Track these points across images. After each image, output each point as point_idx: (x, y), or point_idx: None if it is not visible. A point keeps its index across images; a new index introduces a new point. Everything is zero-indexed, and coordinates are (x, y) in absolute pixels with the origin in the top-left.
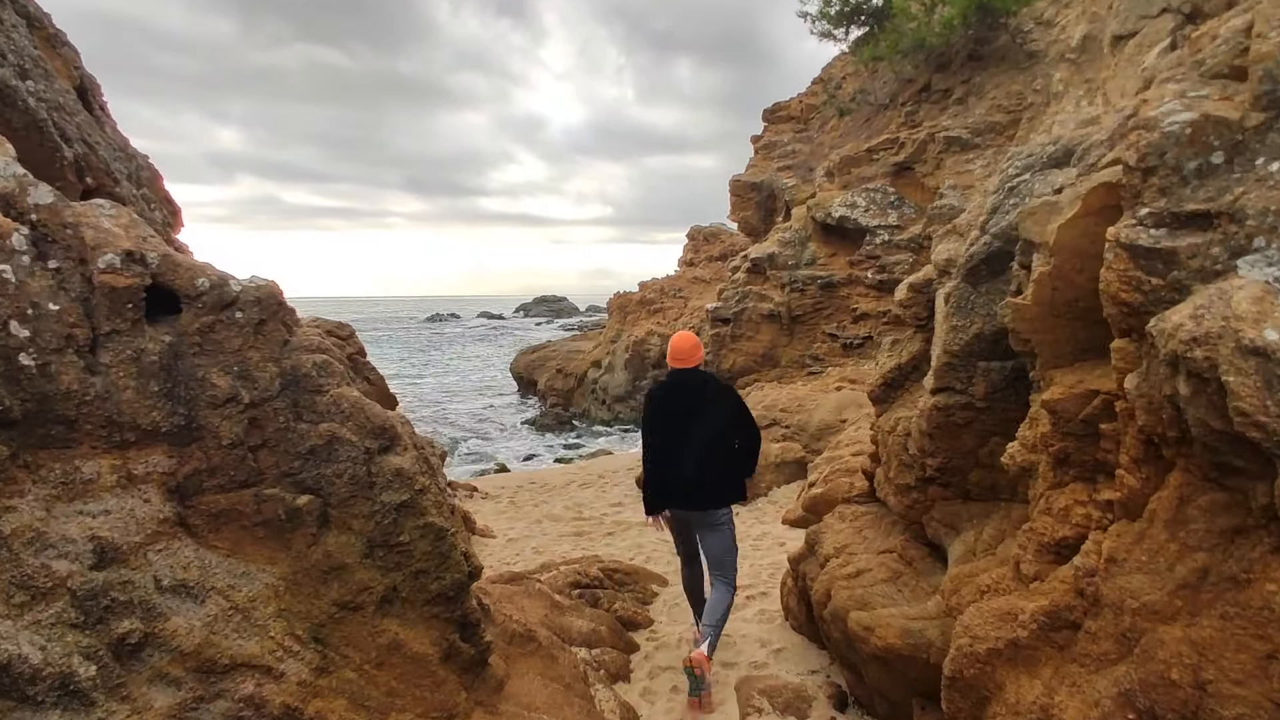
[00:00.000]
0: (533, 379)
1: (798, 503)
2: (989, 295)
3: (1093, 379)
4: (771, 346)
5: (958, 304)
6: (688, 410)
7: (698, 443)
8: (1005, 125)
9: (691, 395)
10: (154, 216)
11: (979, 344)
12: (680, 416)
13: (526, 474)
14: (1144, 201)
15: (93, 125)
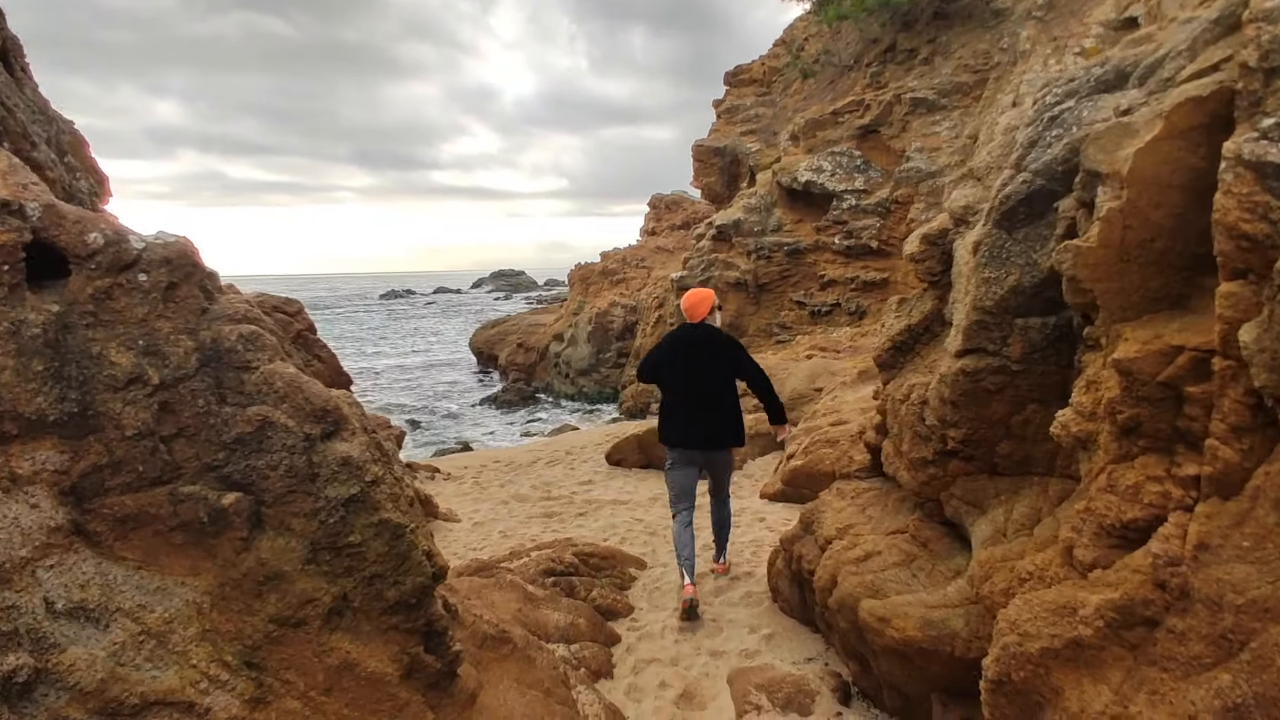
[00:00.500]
0: (493, 354)
1: (775, 476)
2: (1028, 242)
3: (1171, 333)
4: (738, 315)
5: (990, 253)
6: (696, 362)
7: (703, 391)
8: (972, 85)
9: (701, 349)
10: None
11: (1016, 298)
12: (689, 366)
13: (490, 452)
14: (1267, 110)
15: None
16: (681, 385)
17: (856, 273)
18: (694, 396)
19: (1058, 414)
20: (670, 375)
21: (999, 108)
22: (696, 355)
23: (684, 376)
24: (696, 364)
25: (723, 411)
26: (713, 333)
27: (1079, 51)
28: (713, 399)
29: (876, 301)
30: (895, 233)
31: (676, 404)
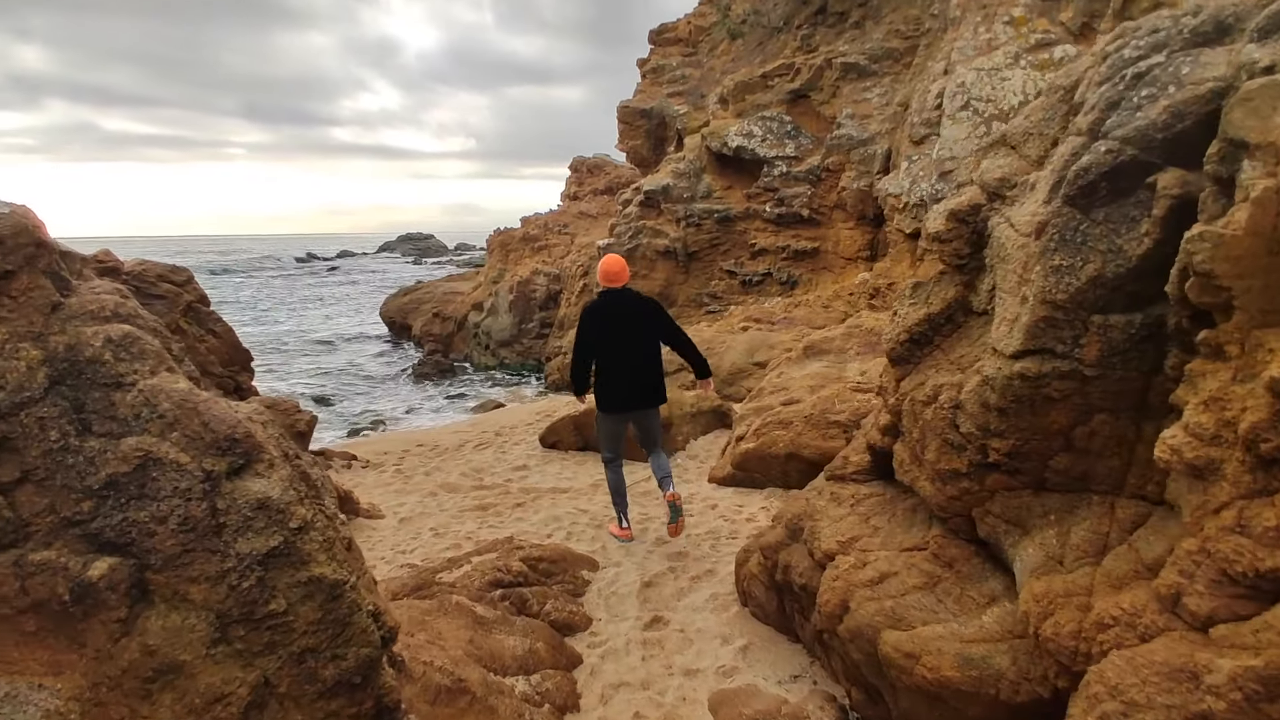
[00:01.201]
0: (406, 323)
1: (725, 459)
2: (1110, 224)
3: None
4: (667, 285)
5: (1062, 237)
6: (625, 326)
7: (637, 354)
8: (903, 52)
9: (628, 313)
10: None
11: (1095, 291)
12: (620, 332)
13: (412, 434)
14: None
15: None
16: (617, 353)
17: (788, 241)
18: (630, 363)
19: (1164, 435)
20: (605, 345)
21: (930, 75)
22: (628, 322)
23: (619, 345)
24: (629, 331)
25: (656, 373)
26: (638, 298)
27: (1008, 20)
28: (646, 362)
29: (808, 271)
30: (826, 201)
31: (614, 372)
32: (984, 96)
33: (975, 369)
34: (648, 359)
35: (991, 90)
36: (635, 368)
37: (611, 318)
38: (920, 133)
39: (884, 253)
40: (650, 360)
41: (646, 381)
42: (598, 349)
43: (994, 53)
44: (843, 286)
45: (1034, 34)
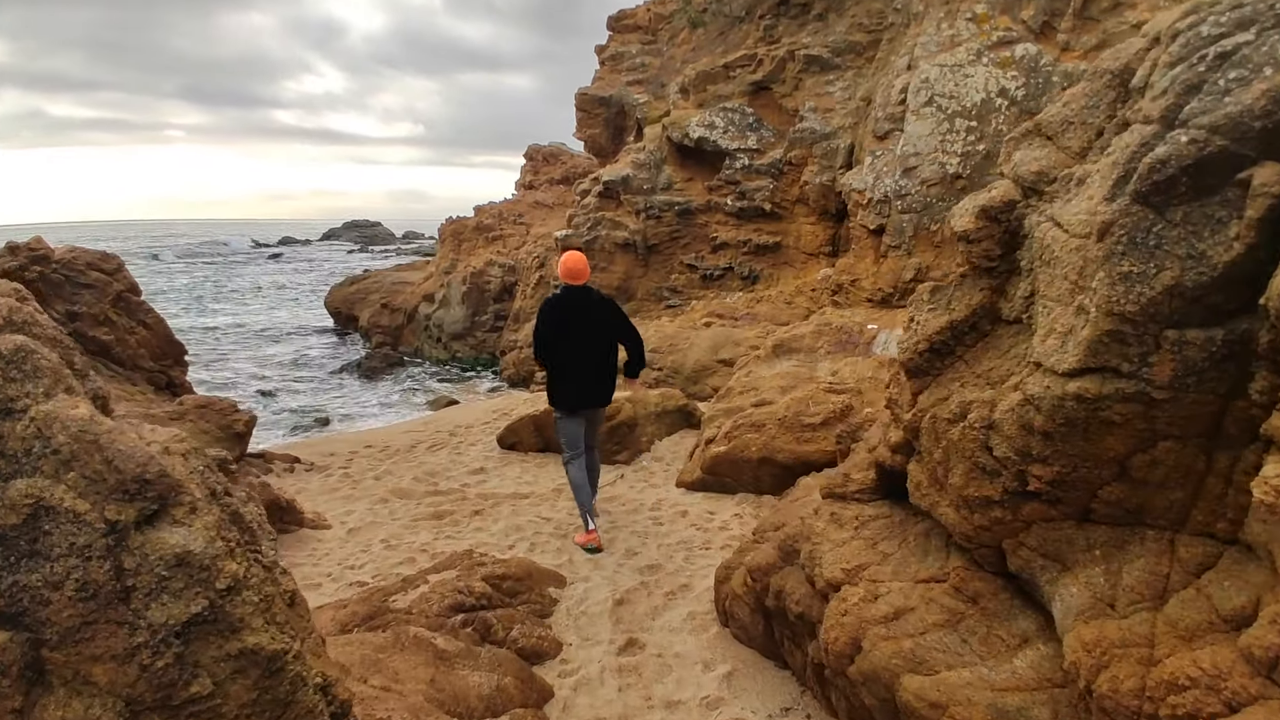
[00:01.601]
0: (353, 314)
1: (694, 462)
2: (1189, 225)
3: None
4: (626, 278)
5: (1131, 240)
6: (583, 325)
7: (593, 353)
8: (866, 45)
9: (586, 311)
10: None
11: (1172, 302)
12: (578, 330)
13: (360, 434)
14: None
15: None
16: (576, 351)
17: (749, 235)
18: (588, 360)
19: (1265, 473)
20: (564, 342)
21: (893, 70)
22: (587, 320)
23: (578, 342)
24: (588, 329)
25: (612, 372)
26: (597, 296)
27: (970, 17)
28: (603, 361)
29: (769, 266)
30: (788, 195)
31: (572, 369)
32: (947, 93)
33: (1012, 386)
34: (605, 357)
35: (955, 86)
36: (594, 365)
37: (572, 314)
38: (884, 128)
39: (846, 249)
40: (608, 358)
41: (603, 379)
42: (556, 345)
43: (956, 49)
44: (805, 282)
45: (996, 31)
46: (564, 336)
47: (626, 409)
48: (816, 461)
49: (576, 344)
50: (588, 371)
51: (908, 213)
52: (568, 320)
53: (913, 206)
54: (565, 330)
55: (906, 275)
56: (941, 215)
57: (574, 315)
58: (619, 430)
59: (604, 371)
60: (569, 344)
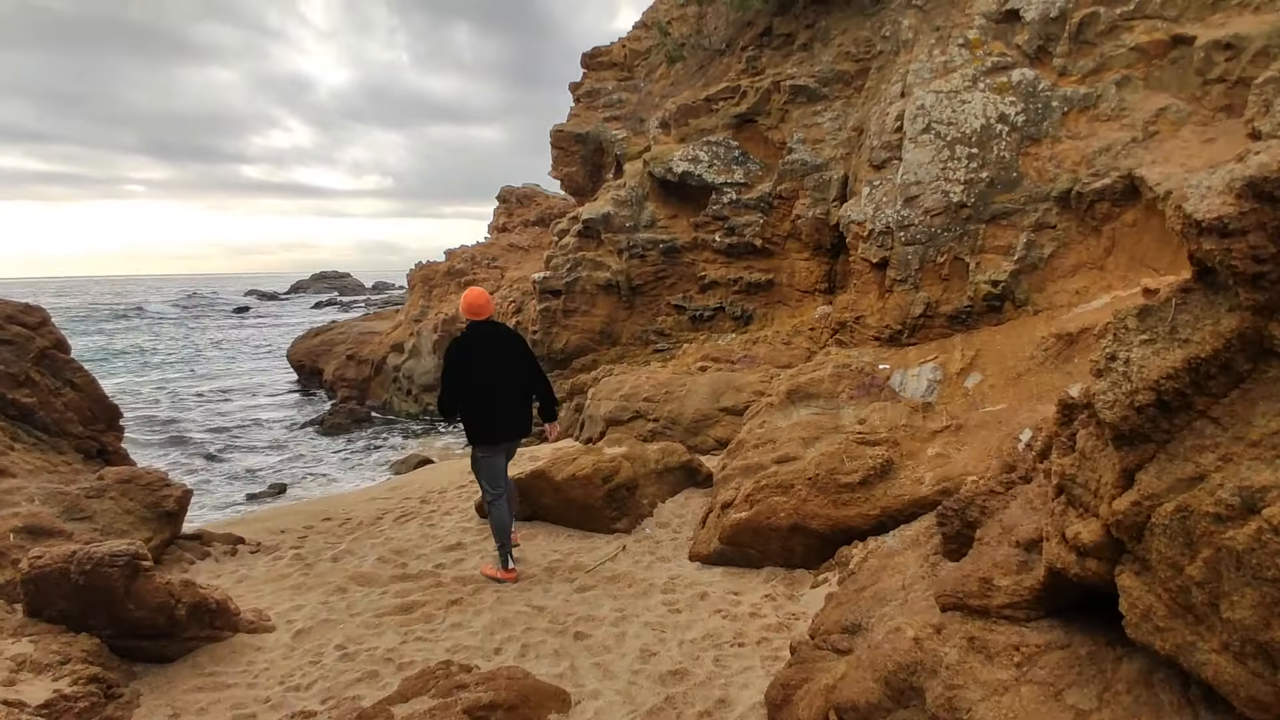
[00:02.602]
0: (317, 367)
1: (708, 530)
2: None
3: None
4: (609, 321)
5: None
6: (496, 358)
7: (510, 384)
8: (854, 75)
9: (497, 345)
10: None
11: None
12: (491, 363)
13: (318, 503)
14: None
15: None
16: (491, 386)
17: (740, 273)
18: (506, 392)
19: None
20: (478, 378)
21: (886, 98)
22: (501, 355)
23: (492, 377)
24: (501, 363)
25: (527, 404)
26: (506, 330)
27: (963, 43)
28: (518, 394)
29: (762, 305)
30: (779, 230)
31: (489, 404)
32: (945, 119)
33: None
34: (520, 390)
35: (952, 113)
36: (509, 399)
37: (484, 349)
38: (880, 157)
39: (845, 284)
40: (522, 391)
41: (519, 412)
42: (469, 382)
43: (951, 75)
44: (802, 321)
45: (990, 56)
46: (478, 370)
47: (625, 468)
48: (858, 528)
49: (491, 377)
50: (508, 404)
51: (912, 244)
52: (481, 354)
53: (917, 238)
54: (479, 365)
55: (915, 310)
56: (948, 246)
57: (487, 350)
58: (617, 494)
59: (521, 403)
60: (483, 378)
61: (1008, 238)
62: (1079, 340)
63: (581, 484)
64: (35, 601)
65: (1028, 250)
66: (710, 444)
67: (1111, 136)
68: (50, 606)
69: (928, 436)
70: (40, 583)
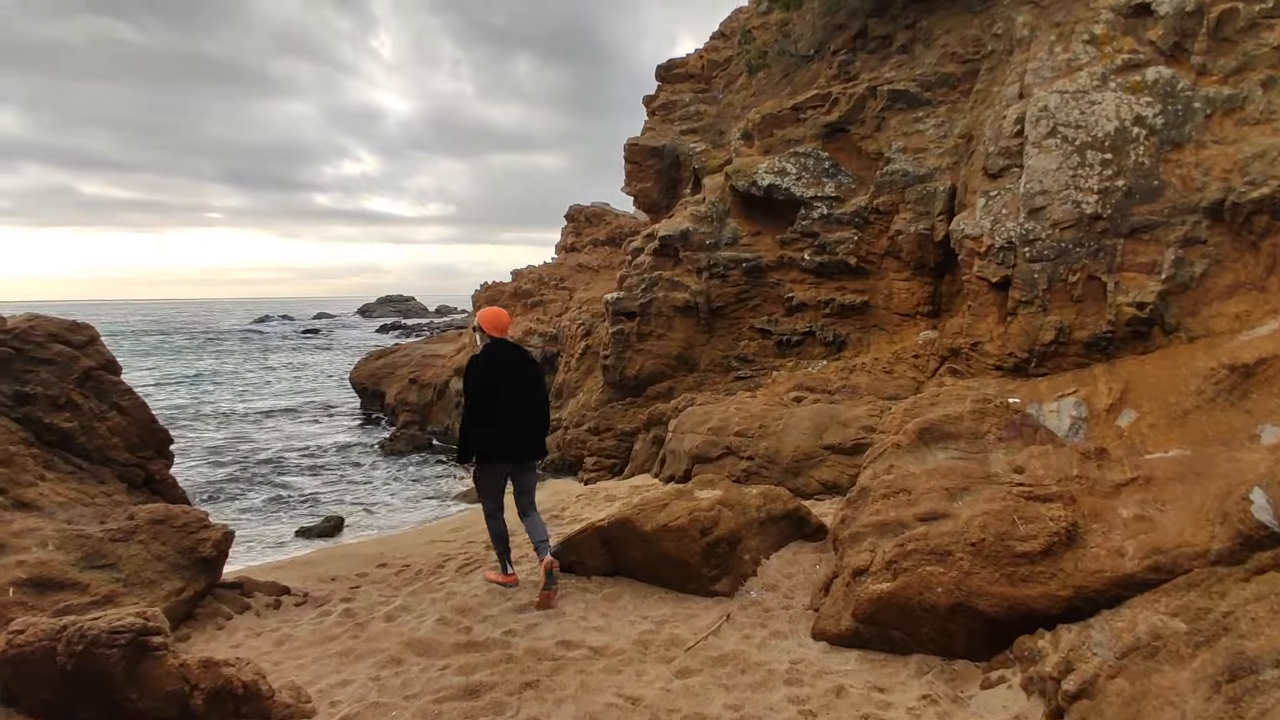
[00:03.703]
0: (379, 391)
1: (835, 602)
2: None
3: None
4: (687, 346)
5: None
6: (518, 376)
7: (531, 403)
8: (961, 77)
9: (518, 363)
10: None
11: None
12: (516, 381)
13: (374, 543)
14: None
15: None
16: (510, 403)
17: (831, 295)
18: (521, 413)
19: None
20: (498, 395)
21: (1002, 100)
22: (522, 373)
23: (512, 394)
24: (520, 381)
25: (544, 425)
26: (524, 350)
27: (1088, 39)
28: (536, 414)
29: (856, 329)
30: (875, 247)
31: (506, 422)
32: (1072, 122)
33: None
34: (537, 410)
35: (1081, 115)
36: (526, 418)
37: (505, 367)
38: (998, 164)
39: (949, 306)
40: (540, 412)
41: (535, 433)
42: (496, 398)
43: (1077, 74)
44: (904, 347)
45: (1120, 54)
46: (499, 388)
47: (726, 519)
48: (1042, 611)
49: (511, 395)
50: (522, 423)
51: (1038, 261)
52: (503, 372)
53: (1044, 254)
54: (500, 383)
55: (1045, 336)
56: (1080, 263)
57: (509, 368)
58: (717, 549)
59: (538, 424)
60: (504, 395)
61: (1151, 254)
62: (1257, 372)
63: (675, 536)
64: (12, 688)
65: (1176, 268)
66: (815, 487)
67: (1264, 142)
68: (31, 695)
69: (1110, 491)
70: (19, 665)
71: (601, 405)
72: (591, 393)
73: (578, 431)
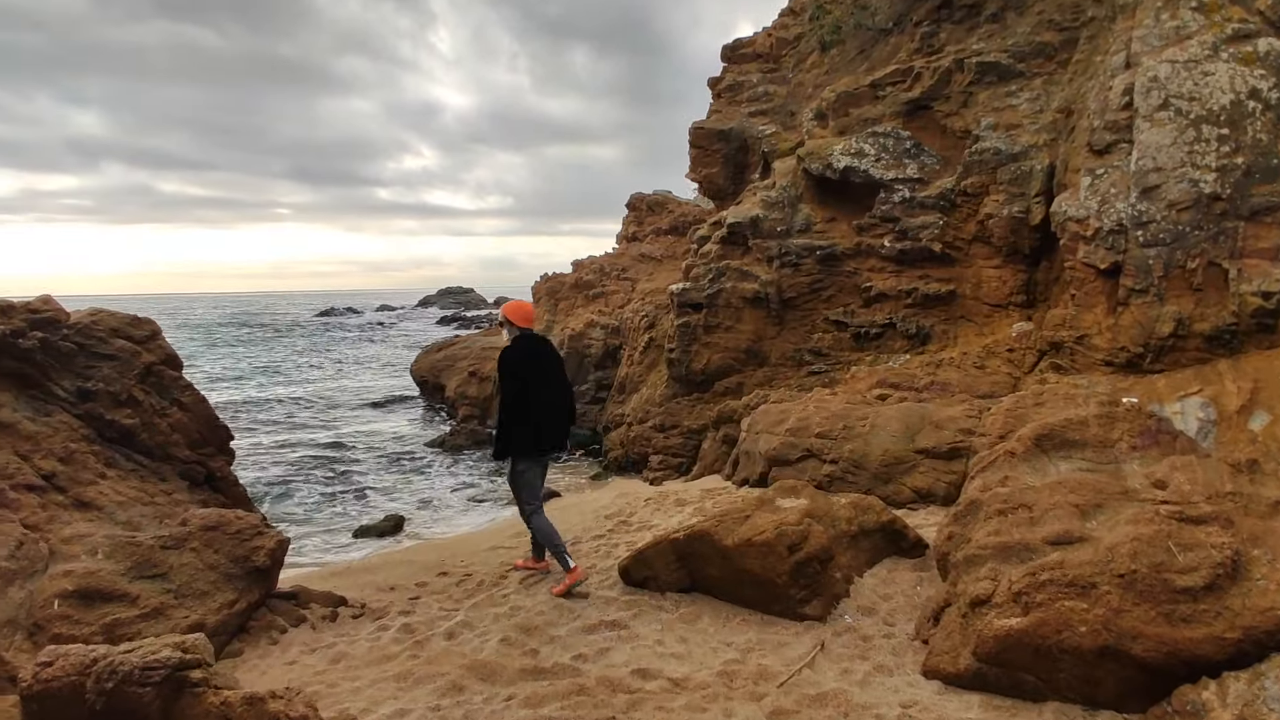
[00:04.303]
0: (440, 384)
1: (952, 635)
2: None
3: None
4: (757, 339)
5: None
6: (548, 368)
7: (559, 394)
8: (1058, 47)
9: (546, 355)
10: None
11: None
12: (545, 373)
13: (433, 546)
14: None
15: None
16: (544, 395)
17: (914, 284)
18: (555, 404)
19: None
20: (539, 388)
21: (1106, 71)
22: (550, 365)
23: (545, 386)
24: (551, 372)
25: (572, 416)
26: (549, 341)
27: (1195, 6)
28: (566, 404)
29: (941, 321)
30: (963, 232)
31: (547, 413)
32: (1185, 94)
33: None
34: (564, 403)
35: (1194, 87)
36: (556, 412)
37: (538, 359)
38: (1104, 139)
39: (1045, 296)
40: (567, 404)
41: (564, 426)
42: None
43: (1187, 42)
44: (995, 340)
45: (1229, 23)
46: (538, 380)
47: (816, 534)
48: (1206, 655)
49: (544, 387)
50: (556, 414)
51: (1153, 246)
52: (536, 365)
53: (1159, 238)
54: (535, 375)
55: (1163, 329)
56: (1199, 248)
57: (540, 358)
58: (807, 568)
59: (568, 414)
60: (538, 388)
61: (1274, 238)
62: None
63: (760, 553)
64: None
65: None
66: (907, 495)
67: None
68: None
69: (1267, 510)
70: (45, 702)
71: (666, 401)
72: (655, 387)
73: (642, 428)
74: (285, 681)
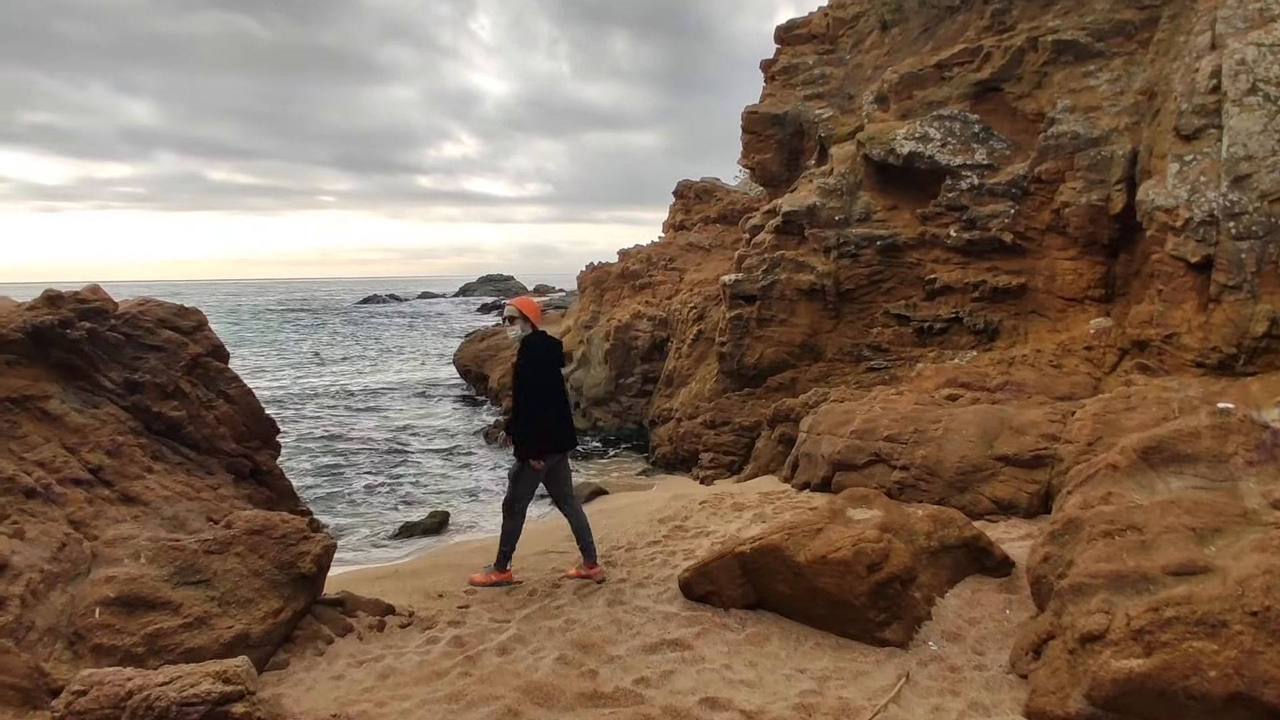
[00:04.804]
0: (483, 373)
1: (1058, 672)
2: None
3: None
4: (812, 333)
5: None
6: (557, 366)
7: (563, 394)
8: (1139, 25)
9: (556, 352)
10: None
11: None
12: (555, 369)
13: (479, 550)
14: None
15: None
16: (555, 394)
17: (982, 276)
18: (565, 405)
19: None
20: (551, 385)
21: (1191, 51)
22: (558, 363)
23: (555, 384)
24: (557, 372)
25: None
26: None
27: None
28: (568, 403)
29: (1011, 316)
30: (1035, 221)
31: (558, 412)
32: (1273, 78)
33: None
34: (567, 400)
35: None
36: (567, 409)
37: (550, 356)
38: (1191, 124)
39: (1124, 289)
40: (568, 401)
41: (571, 422)
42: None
43: (1272, 25)
44: (1071, 337)
45: None
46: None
47: (898, 552)
48: None
49: (555, 385)
50: (567, 411)
51: (1245, 239)
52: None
53: (1252, 230)
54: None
55: (1256, 328)
56: None
57: (551, 355)
58: (887, 590)
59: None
60: (555, 385)
61: None
62: None
63: (836, 571)
64: None
65: None
66: (985, 505)
67: None
68: None
69: None
70: None
71: (717, 396)
72: (705, 382)
73: (691, 424)
74: (332, 699)
